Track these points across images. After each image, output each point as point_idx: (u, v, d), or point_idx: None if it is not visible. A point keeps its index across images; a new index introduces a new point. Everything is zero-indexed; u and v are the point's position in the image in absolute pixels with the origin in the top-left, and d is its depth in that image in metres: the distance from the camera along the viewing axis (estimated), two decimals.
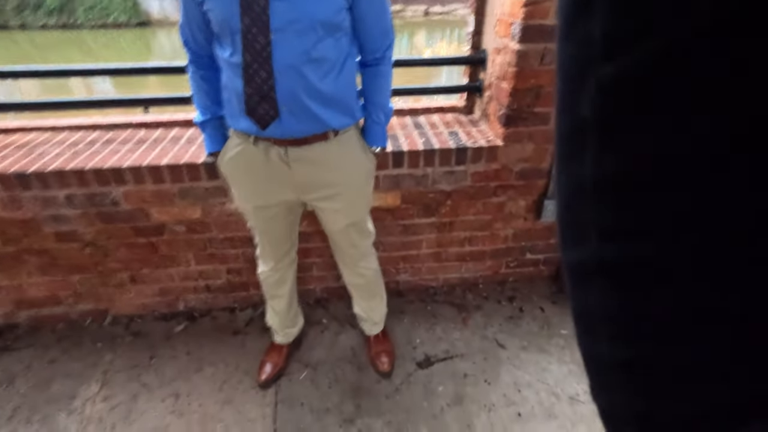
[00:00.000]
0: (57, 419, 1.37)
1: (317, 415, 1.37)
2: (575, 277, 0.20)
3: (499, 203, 1.67)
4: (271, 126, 1.02)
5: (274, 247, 1.31)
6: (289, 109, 1.00)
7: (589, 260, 0.18)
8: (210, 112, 1.13)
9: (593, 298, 0.19)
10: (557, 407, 1.39)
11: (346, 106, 1.08)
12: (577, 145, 0.17)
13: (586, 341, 0.20)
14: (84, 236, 1.53)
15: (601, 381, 0.20)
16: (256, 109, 1.00)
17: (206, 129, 1.15)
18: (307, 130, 1.05)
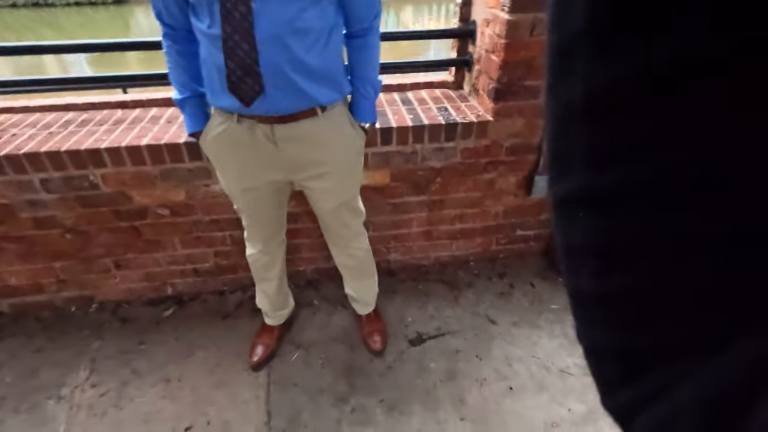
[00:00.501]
0: (45, 407, 1.35)
1: (311, 395, 1.37)
2: (562, 211, 0.19)
3: (490, 180, 1.65)
4: (255, 103, 0.97)
5: (262, 230, 1.28)
6: (274, 83, 0.95)
7: (576, 190, 0.18)
8: (189, 89, 1.08)
9: (578, 232, 0.19)
10: (548, 380, 1.41)
11: (333, 81, 1.03)
12: (567, 65, 0.17)
13: (571, 278, 0.20)
14: (63, 221, 1.48)
15: (585, 319, 0.20)
16: (239, 85, 0.95)
17: (186, 108, 1.10)
18: (293, 107, 1.00)
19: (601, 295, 0.19)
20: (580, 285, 0.20)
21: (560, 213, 0.20)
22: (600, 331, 0.20)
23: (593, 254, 0.18)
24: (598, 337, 0.20)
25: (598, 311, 0.19)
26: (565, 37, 0.17)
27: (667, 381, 0.17)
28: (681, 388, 0.16)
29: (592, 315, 0.20)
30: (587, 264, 0.19)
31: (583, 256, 0.19)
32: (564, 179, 0.19)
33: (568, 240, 0.20)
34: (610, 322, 0.19)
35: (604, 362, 0.20)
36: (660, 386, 0.17)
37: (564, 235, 0.20)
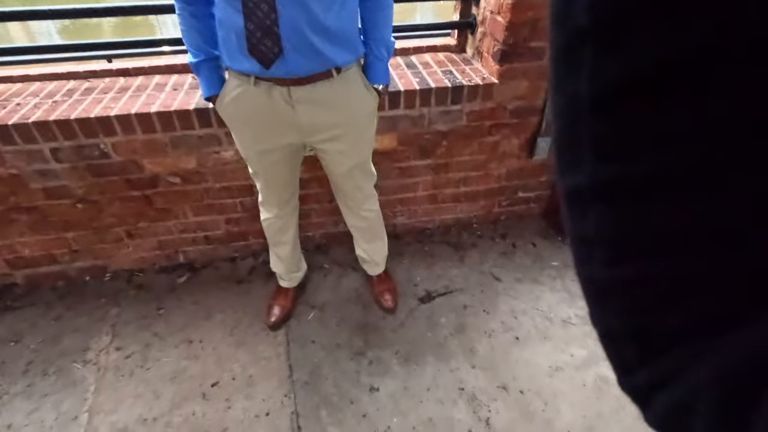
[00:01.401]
0: (73, 370, 1.40)
1: (329, 350, 1.45)
2: (572, 203, 0.19)
3: (494, 142, 1.69)
4: (274, 65, 0.98)
5: (277, 193, 1.31)
6: (292, 45, 0.96)
7: (585, 183, 0.18)
8: (204, 52, 1.08)
9: (589, 223, 0.19)
10: (551, 330, 1.50)
11: (349, 42, 1.05)
12: (572, 60, 0.17)
13: (584, 268, 0.20)
14: (75, 191, 1.48)
15: (599, 306, 0.21)
16: (259, 47, 0.96)
17: (201, 71, 1.10)
18: (311, 68, 1.02)
19: (613, 283, 0.19)
20: (593, 273, 0.20)
21: (570, 204, 0.20)
22: (614, 316, 0.20)
23: (604, 244, 0.19)
24: (613, 322, 0.20)
25: (612, 298, 0.19)
26: (568, 34, 0.17)
27: (683, 362, 0.17)
28: (697, 368, 0.17)
29: (606, 301, 0.20)
30: (599, 253, 0.19)
31: (594, 246, 0.19)
32: (573, 172, 0.19)
33: (579, 230, 0.20)
34: (624, 307, 0.19)
35: (621, 345, 0.20)
36: (677, 367, 0.17)
37: (575, 225, 0.20)
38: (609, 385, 1.33)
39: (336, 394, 1.32)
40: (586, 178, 0.18)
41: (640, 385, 0.20)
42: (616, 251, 0.18)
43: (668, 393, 0.18)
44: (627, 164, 0.16)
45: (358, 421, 1.26)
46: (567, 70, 0.17)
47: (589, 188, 0.18)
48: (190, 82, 1.52)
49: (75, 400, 1.32)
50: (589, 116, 0.17)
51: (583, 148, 0.18)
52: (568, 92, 0.18)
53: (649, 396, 0.19)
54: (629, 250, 0.18)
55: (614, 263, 0.19)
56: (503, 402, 1.29)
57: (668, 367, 0.18)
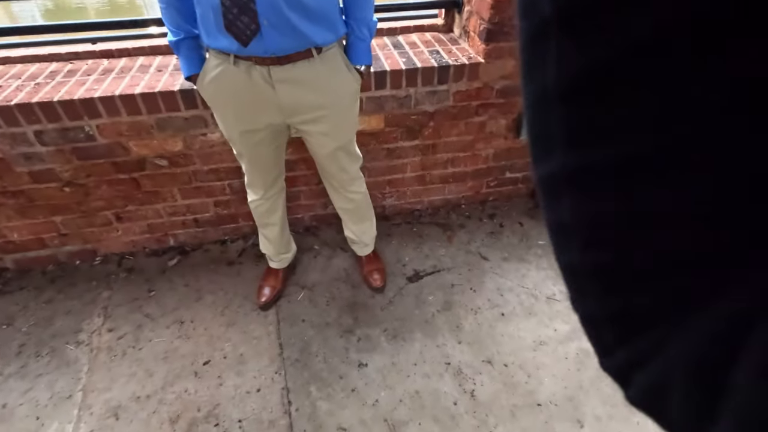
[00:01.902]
0: (66, 351, 1.42)
1: (319, 329, 1.48)
2: (547, 190, 0.20)
3: (481, 123, 1.70)
4: (252, 42, 0.98)
5: (262, 175, 1.32)
6: (270, 22, 0.96)
7: (558, 170, 0.18)
8: (183, 30, 1.07)
9: (565, 209, 0.19)
10: (536, 306, 1.54)
11: (329, 20, 1.04)
12: (539, 49, 0.17)
13: (562, 254, 0.21)
14: (61, 175, 1.48)
15: (578, 290, 0.21)
16: (235, 23, 0.96)
17: (181, 50, 1.10)
18: (289, 47, 1.01)
19: (591, 267, 0.19)
20: (571, 260, 0.20)
21: (545, 192, 0.20)
22: (593, 300, 0.20)
23: (580, 230, 0.19)
24: (592, 305, 0.20)
25: (590, 283, 0.20)
26: (534, 24, 0.17)
27: (659, 341, 0.18)
28: (673, 346, 0.17)
29: (584, 286, 0.20)
30: (575, 239, 0.19)
31: (570, 233, 0.19)
32: (546, 159, 0.19)
33: (555, 217, 0.20)
34: (602, 291, 0.19)
35: (600, 328, 0.21)
36: (653, 347, 0.18)
37: (551, 213, 0.20)
38: (590, 358, 1.37)
39: (325, 369, 1.36)
40: (559, 165, 0.18)
41: (619, 366, 0.20)
42: (592, 236, 0.19)
43: (646, 372, 0.18)
44: (597, 150, 0.17)
45: (347, 395, 1.29)
46: (535, 59, 0.18)
47: (562, 175, 0.18)
48: (175, 63, 1.51)
49: (69, 379, 1.34)
50: (558, 104, 0.17)
51: (554, 136, 0.18)
52: (536, 81, 0.18)
53: (629, 376, 0.19)
54: (605, 235, 0.18)
55: (591, 248, 0.19)
56: (488, 375, 1.33)
57: (645, 347, 0.18)
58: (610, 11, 0.14)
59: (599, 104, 0.16)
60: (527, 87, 0.19)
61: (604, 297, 0.20)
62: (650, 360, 0.18)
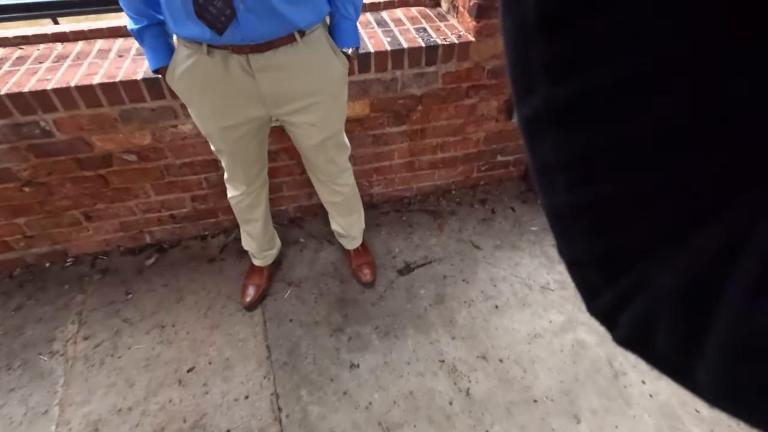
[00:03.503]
0: (39, 362, 1.34)
1: (307, 328, 1.42)
2: (530, 131, 0.20)
3: (471, 105, 1.61)
4: (228, 30, 0.87)
5: (244, 170, 1.22)
6: (247, 6, 0.85)
7: (541, 108, 0.18)
8: (145, 16, 0.95)
9: (548, 149, 0.19)
10: (530, 296, 1.50)
11: (311, 1, 0.93)
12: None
13: (547, 197, 0.21)
14: (19, 174, 1.36)
15: (564, 234, 0.21)
16: (207, 9, 0.84)
17: (145, 39, 0.97)
18: (270, 33, 0.90)
19: (577, 207, 0.19)
20: (557, 201, 0.20)
21: (529, 133, 0.20)
22: (580, 243, 0.20)
23: (565, 168, 0.19)
24: (579, 248, 0.21)
25: (576, 223, 0.20)
26: None
27: (644, 277, 0.18)
28: (658, 280, 0.17)
29: (571, 228, 0.20)
30: (560, 179, 0.19)
31: (555, 172, 0.19)
32: (529, 99, 0.19)
33: (539, 158, 0.20)
34: (588, 231, 0.20)
35: (587, 271, 0.21)
36: (639, 283, 0.18)
37: (535, 154, 0.20)
38: (585, 350, 1.35)
39: (316, 372, 1.31)
40: (541, 102, 0.18)
41: (606, 307, 0.20)
42: (575, 174, 0.19)
43: (633, 309, 0.18)
44: (578, 80, 0.16)
45: (338, 398, 1.25)
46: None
47: (545, 112, 0.18)
48: (137, 47, 1.37)
49: (44, 393, 1.27)
50: (538, 38, 0.17)
51: (535, 73, 0.18)
52: (516, 17, 0.18)
53: (615, 315, 0.20)
54: (588, 172, 0.18)
55: (575, 187, 0.19)
56: (483, 371, 1.30)
57: (631, 284, 0.18)
58: None
59: (579, 31, 0.16)
60: (507, 24, 0.18)
61: (589, 237, 0.20)
62: (637, 296, 0.18)
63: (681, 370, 0.17)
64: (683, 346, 0.16)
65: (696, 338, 0.16)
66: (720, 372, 0.15)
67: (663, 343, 0.17)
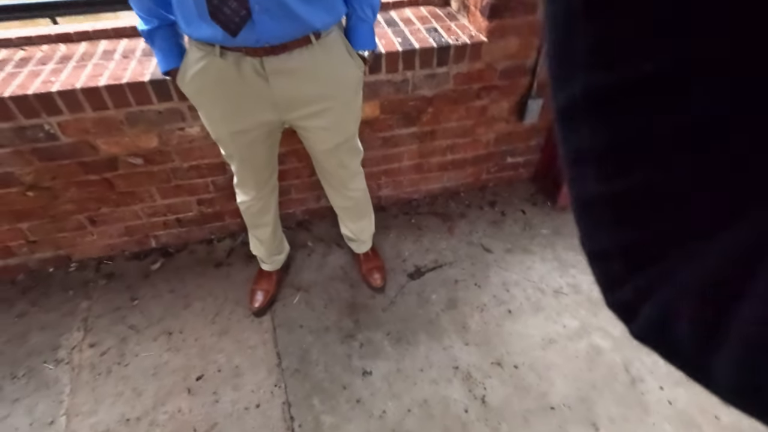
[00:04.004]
0: (44, 371, 1.31)
1: (318, 334, 1.39)
2: (565, 120, 0.20)
3: (482, 106, 1.59)
4: (242, 31, 0.84)
5: (255, 175, 1.19)
6: (262, 6, 0.82)
7: (579, 95, 0.18)
8: (156, 17, 0.92)
9: (583, 138, 0.19)
10: (543, 301, 1.48)
11: (328, 1, 0.90)
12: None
13: (577, 185, 0.21)
14: (22, 178, 1.33)
15: (590, 223, 0.21)
16: (221, 9, 0.81)
17: (155, 41, 0.94)
18: (285, 34, 0.88)
19: (607, 197, 0.19)
20: (587, 191, 0.20)
21: (564, 121, 0.20)
22: (606, 233, 0.20)
23: (597, 159, 0.19)
24: (604, 238, 0.20)
25: (605, 213, 0.20)
26: None
27: (669, 269, 0.18)
28: (682, 274, 0.17)
29: (599, 218, 0.20)
30: (592, 169, 0.19)
31: (587, 163, 0.19)
32: (567, 86, 0.18)
33: (572, 148, 0.20)
34: (617, 222, 0.19)
35: (610, 261, 0.21)
36: (663, 272, 0.18)
37: (568, 143, 0.20)
38: (601, 355, 1.33)
39: (327, 379, 1.28)
40: (579, 90, 0.18)
41: (627, 297, 0.20)
42: (609, 165, 0.18)
43: (654, 300, 0.18)
44: (620, 70, 0.16)
45: (351, 406, 1.23)
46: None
47: (582, 100, 0.18)
48: (143, 47, 1.34)
49: (50, 402, 1.24)
50: (582, 21, 0.17)
51: (577, 58, 0.17)
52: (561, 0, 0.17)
53: (636, 307, 0.20)
54: (621, 163, 0.18)
55: (607, 177, 0.19)
56: (498, 378, 1.28)
57: (654, 275, 0.18)
58: None
59: (626, 17, 0.15)
60: (550, 6, 0.18)
61: (617, 228, 0.20)
62: (659, 288, 0.18)
63: (698, 365, 0.17)
64: (703, 340, 0.16)
65: (716, 333, 0.16)
66: (738, 368, 0.15)
67: (682, 336, 0.17)
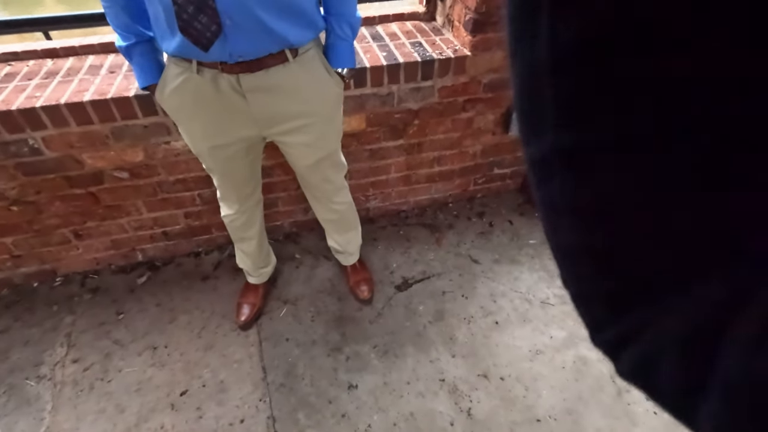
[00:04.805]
0: (25, 388, 1.29)
1: (304, 347, 1.39)
2: (538, 169, 0.19)
3: (468, 119, 1.60)
4: (214, 46, 0.85)
5: (237, 190, 1.19)
6: (234, 21, 0.83)
7: (549, 151, 0.18)
8: (133, 33, 0.93)
9: (555, 190, 0.19)
10: (530, 312, 1.48)
11: (305, 15, 0.91)
12: (531, 22, 0.16)
13: (554, 234, 0.21)
14: (6, 193, 1.32)
15: (570, 270, 0.21)
16: (192, 24, 0.82)
17: (133, 57, 0.95)
18: (259, 50, 0.89)
19: (581, 248, 0.19)
20: (563, 240, 0.20)
21: (536, 171, 0.20)
22: (584, 279, 0.20)
23: (571, 211, 0.19)
24: (585, 285, 0.20)
25: (584, 262, 0.20)
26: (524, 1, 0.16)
27: (649, 318, 0.18)
28: (662, 324, 0.17)
29: (578, 266, 0.20)
30: (566, 220, 0.19)
31: (561, 213, 0.19)
32: (538, 138, 0.18)
33: (545, 197, 0.20)
34: (592, 270, 0.20)
35: (592, 306, 0.21)
36: (643, 323, 0.18)
37: (541, 192, 0.20)
38: (588, 366, 1.33)
39: (313, 394, 1.27)
40: (550, 144, 0.18)
41: (609, 341, 0.20)
42: (582, 218, 0.18)
43: (636, 347, 0.19)
44: (591, 130, 0.16)
45: (337, 421, 1.22)
46: (526, 31, 0.17)
47: (554, 155, 0.18)
48: None
49: (30, 420, 1.22)
50: (550, 79, 0.16)
51: (546, 113, 0.17)
52: (527, 55, 0.17)
53: (619, 350, 0.20)
54: (594, 218, 0.18)
55: (581, 229, 0.19)
56: (484, 390, 1.27)
57: (635, 324, 0.18)
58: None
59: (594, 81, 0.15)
60: (516, 61, 0.18)
61: (595, 277, 0.19)
62: (641, 334, 0.18)
63: (682, 412, 0.18)
64: (686, 385, 0.17)
65: (695, 386, 0.16)
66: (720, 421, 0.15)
67: (665, 380, 0.18)
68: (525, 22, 0.16)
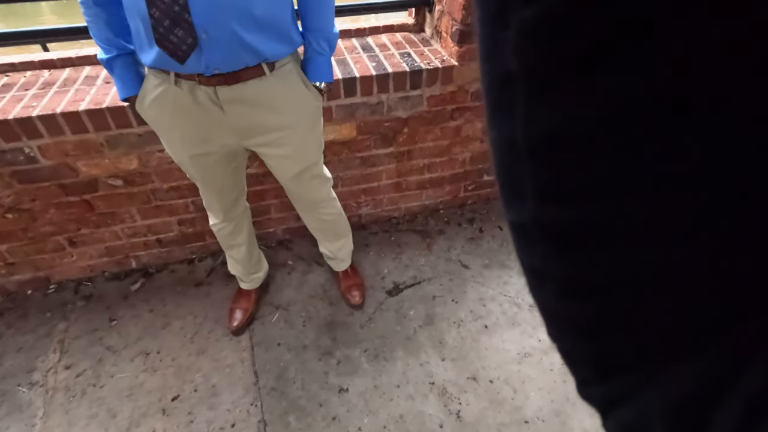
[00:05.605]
0: (17, 394, 1.30)
1: (296, 352, 1.40)
2: (518, 237, 0.19)
3: (456, 127, 1.64)
4: (191, 59, 0.88)
5: (220, 199, 1.21)
6: (209, 35, 0.85)
7: (529, 222, 0.17)
8: (115, 46, 0.95)
9: (537, 257, 0.18)
10: (519, 315, 1.50)
11: (281, 30, 0.94)
12: (506, 99, 0.16)
13: (537, 295, 0.20)
14: (1, 200, 1.34)
15: (555, 328, 0.21)
16: (168, 37, 0.85)
17: (114, 69, 0.97)
18: (236, 63, 0.91)
19: (566, 312, 0.19)
20: (546, 301, 0.20)
21: (518, 236, 0.19)
22: (569, 340, 0.20)
23: (554, 279, 0.18)
24: (568, 344, 0.20)
25: (569, 326, 0.19)
26: (499, 72, 0.15)
27: (637, 384, 0.17)
28: (651, 391, 0.17)
29: (563, 327, 0.20)
30: (549, 285, 0.19)
31: (544, 278, 0.19)
32: (518, 207, 0.18)
33: (527, 261, 0.19)
34: (579, 336, 0.19)
35: (577, 365, 0.20)
36: (631, 388, 0.18)
37: (523, 255, 0.19)
38: None
39: (304, 397, 1.29)
40: (530, 216, 0.17)
41: (595, 399, 0.20)
42: (566, 286, 0.18)
43: (623, 410, 0.18)
44: (572, 209, 0.16)
45: (327, 424, 1.23)
46: (501, 107, 0.16)
47: (534, 226, 0.17)
48: None
49: (22, 426, 1.23)
50: (527, 158, 0.16)
51: (524, 187, 0.17)
52: (503, 129, 0.16)
53: (605, 409, 0.19)
54: (579, 287, 0.18)
55: (565, 297, 0.18)
56: (473, 393, 1.29)
57: (622, 388, 0.18)
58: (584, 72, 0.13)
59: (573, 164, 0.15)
60: (493, 131, 0.17)
61: (580, 341, 0.19)
62: (627, 400, 0.18)
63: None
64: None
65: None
66: None
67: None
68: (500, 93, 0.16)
